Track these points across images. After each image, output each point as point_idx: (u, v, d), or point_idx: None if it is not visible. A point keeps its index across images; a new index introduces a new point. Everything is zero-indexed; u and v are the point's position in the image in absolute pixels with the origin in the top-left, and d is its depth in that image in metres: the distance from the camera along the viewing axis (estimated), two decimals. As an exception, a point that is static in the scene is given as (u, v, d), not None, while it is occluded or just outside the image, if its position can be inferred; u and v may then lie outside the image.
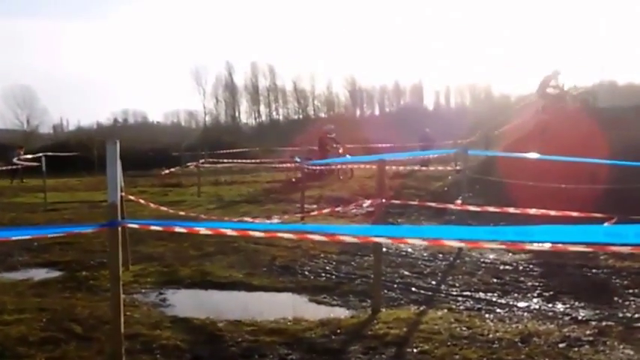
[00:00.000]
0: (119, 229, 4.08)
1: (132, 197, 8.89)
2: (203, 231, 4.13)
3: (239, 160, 23.71)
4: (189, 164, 21.83)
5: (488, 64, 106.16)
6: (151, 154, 37.28)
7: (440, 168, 15.49)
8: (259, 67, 75.59)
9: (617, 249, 3.79)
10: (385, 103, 75.69)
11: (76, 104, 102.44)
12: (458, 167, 12.27)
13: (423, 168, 17.00)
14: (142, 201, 9.11)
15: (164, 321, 5.49)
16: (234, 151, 27.40)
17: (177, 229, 4.46)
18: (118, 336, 4.07)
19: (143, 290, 6.77)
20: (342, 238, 3.66)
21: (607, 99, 24.61)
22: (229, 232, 4.19)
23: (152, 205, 8.86)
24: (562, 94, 15.89)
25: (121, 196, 7.65)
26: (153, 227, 4.83)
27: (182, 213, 9.13)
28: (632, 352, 4.49)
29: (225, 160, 23.02)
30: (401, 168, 14.98)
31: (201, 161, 20.34)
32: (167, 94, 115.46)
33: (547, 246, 3.31)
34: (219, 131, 61.76)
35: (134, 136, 53.01)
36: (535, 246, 3.51)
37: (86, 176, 28.30)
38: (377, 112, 74.18)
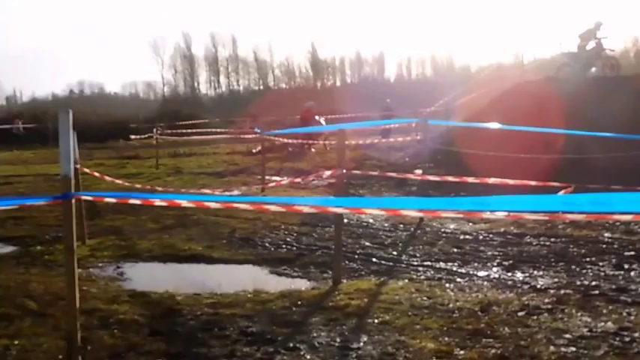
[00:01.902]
0: (73, 201, 3.85)
1: (87, 170, 8.54)
2: (158, 202, 3.93)
3: (198, 132, 23.21)
4: (150, 135, 21.19)
5: (449, 35, 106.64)
6: (107, 126, 36.11)
7: (400, 139, 15.49)
8: (219, 37, 73.99)
9: (574, 217, 3.79)
10: (346, 74, 75.39)
11: (30, 76, 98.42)
12: (418, 137, 12.27)
13: (383, 140, 16.98)
14: (96, 173, 8.76)
15: (122, 295, 5.32)
16: (193, 122, 26.80)
17: (133, 201, 4.24)
18: (73, 311, 3.88)
19: (100, 264, 6.56)
20: (300, 209, 3.53)
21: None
22: (185, 203, 4.01)
23: (107, 177, 8.53)
24: (598, 51, 14.95)
25: (76, 169, 7.38)
26: (110, 200, 4.59)
27: (138, 185, 8.83)
28: (589, 320, 4.56)
29: (186, 131, 22.51)
30: (361, 142, 14.91)
31: (159, 132, 19.80)
32: (124, 64, 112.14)
33: (502, 215, 3.26)
34: (178, 102, 60.39)
35: (90, 107, 51.31)
36: (493, 215, 3.47)
37: (41, 148, 27.26)
38: (338, 83, 73.80)
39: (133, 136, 22.99)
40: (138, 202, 4.17)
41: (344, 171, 5.57)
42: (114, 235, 7.94)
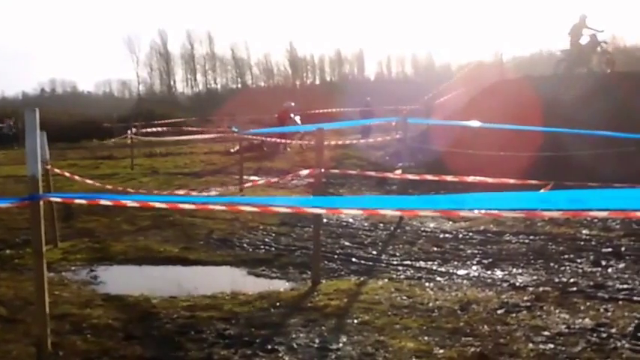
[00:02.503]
0: (41, 203, 3.79)
1: (57, 170, 8.40)
2: (130, 204, 3.89)
3: (173, 135, 23.00)
4: (125, 136, 20.91)
5: (429, 34, 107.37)
6: (80, 125, 35.58)
7: (379, 139, 15.58)
8: (195, 34, 73.44)
9: (552, 215, 3.86)
10: (326, 73, 75.40)
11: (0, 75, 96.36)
12: (398, 136, 12.35)
13: (362, 141, 17.03)
14: (66, 174, 8.63)
15: (95, 299, 5.25)
16: (170, 121, 26.56)
17: (103, 202, 4.19)
18: (43, 316, 3.83)
19: (73, 268, 6.47)
20: (276, 209, 3.53)
21: (546, 68, 25.41)
22: (157, 204, 3.98)
23: (77, 177, 8.40)
24: (593, 45, 14.88)
25: (47, 169, 7.26)
26: (81, 201, 4.52)
27: (109, 187, 8.71)
28: (567, 316, 4.64)
29: (162, 130, 22.29)
30: (340, 142, 14.96)
31: (134, 132, 19.58)
32: (98, 62, 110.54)
33: (479, 213, 3.31)
34: (153, 101, 59.83)
35: (63, 107, 50.50)
36: (472, 213, 3.51)
37: (11, 149, 26.75)
38: (317, 81, 73.80)
39: (112, 140, 22.67)
40: (109, 203, 4.13)
41: (322, 170, 5.58)
42: (87, 237, 7.83)
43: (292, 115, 20.24)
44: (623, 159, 8.50)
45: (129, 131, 19.25)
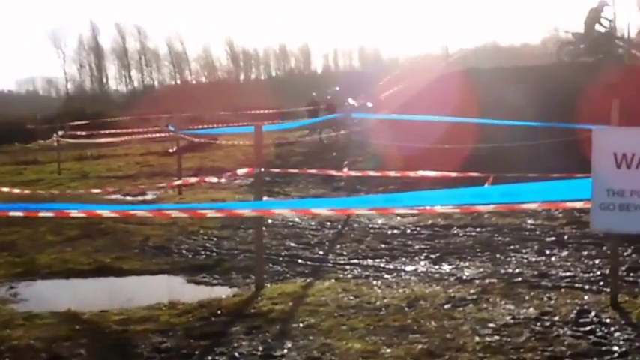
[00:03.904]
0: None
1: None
2: (43, 214, 3.77)
3: (107, 136, 22.40)
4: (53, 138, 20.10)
5: (375, 26, 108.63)
6: (0, 127, 34.06)
7: (324, 136, 15.68)
8: (126, 28, 71.58)
9: (486, 209, 4.02)
10: (271, 67, 75.14)
11: None
12: (342, 132, 12.48)
13: (307, 139, 17.16)
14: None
15: (15, 318, 5.05)
16: (102, 121, 25.86)
17: (43, 214, 4.03)
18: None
19: (-10, 285, 6.20)
20: (204, 213, 3.52)
21: (491, 60, 26.19)
22: (75, 213, 3.87)
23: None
24: (612, 33, 14.90)
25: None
26: (17, 213, 4.34)
27: (41, 192, 8.42)
28: (512, 307, 4.84)
29: (93, 132, 21.65)
30: (284, 141, 15.01)
31: (60, 134, 18.95)
32: (19, 59, 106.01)
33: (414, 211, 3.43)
34: (84, 99, 57.91)
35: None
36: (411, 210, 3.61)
37: None
38: (262, 76, 73.46)
39: (37, 143, 21.79)
40: (51, 214, 3.97)
41: (261, 170, 5.58)
42: (7, 251, 7.51)
43: (352, 101, 18.89)
44: (564, 149, 8.90)
45: (55, 134, 18.60)
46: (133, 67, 72.48)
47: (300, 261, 6.70)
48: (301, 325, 4.66)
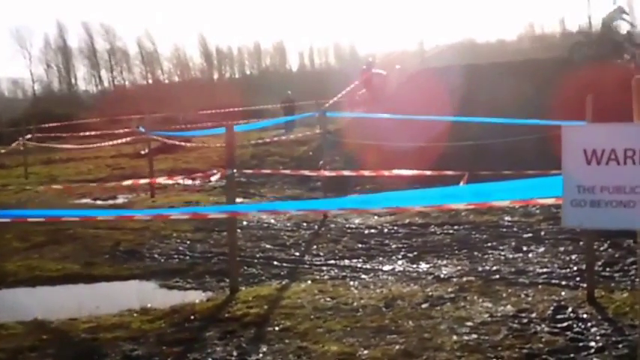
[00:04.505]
0: None
1: None
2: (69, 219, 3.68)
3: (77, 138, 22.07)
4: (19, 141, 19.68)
5: (351, 23, 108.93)
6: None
7: (299, 135, 15.64)
8: (93, 27, 70.59)
9: (458, 207, 4.04)
10: (246, 65, 74.80)
11: None
12: (317, 131, 12.46)
13: (283, 138, 17.09)
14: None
15: (-22, 330, 4.94)
16: (71, 123, 25.47)
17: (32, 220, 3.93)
18: None
19: (-49, 297, 6.05)
20: (168, 215, 3.48)
21: (467, 57, 26.45)
22: (32, 219, 3.79)
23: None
24: (630, 38, 14.76)
25: None
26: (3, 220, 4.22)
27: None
28: (490, 305, 4.88)
29: (61, 133, 21.32)
30: (260, 141, 14.93)
31: (28, 137, 18.60)
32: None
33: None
34: (52, 101, 56.98)
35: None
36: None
37: None
38: (237, 74, 73.11)
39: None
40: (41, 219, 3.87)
41: (234, 171, 5.54)
42: (-30, 260, 7.35)
43: (375, 70, 18.68)
44: (541, 145, 8.99)
45: (20, 137, 18.21)
46: (102, 67, 71.50)
47: (275, 263, 6.68)
48: (277, 328, 4.64)
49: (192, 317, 4.97)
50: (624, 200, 2.14)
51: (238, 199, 7.96)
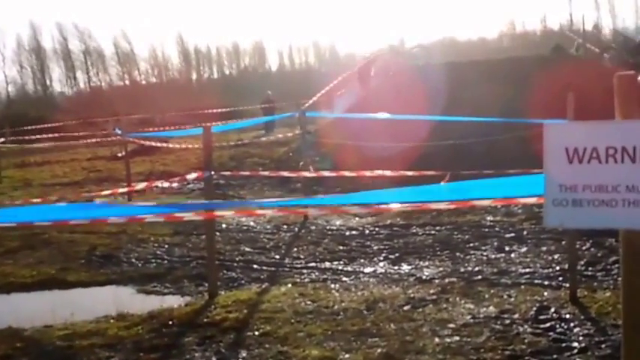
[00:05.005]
0: None
1: None
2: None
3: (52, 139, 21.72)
4: None
5: (331, 22, 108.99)
6: None
7: (280, 136, 15.58)
8: (68, 28, 69.73)
9: (439, 207, 4.03)
10: (224, 66, 74.48)
11: None
12: (297, 132, 12.42)
13: (263, 139, 16.99)
14: None
15: (-49, 338, 4.82)
16: (46, 126, 25.08)
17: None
18: None
19: None
20: (142, 218, 3.42)
21: (448, 55, 26.63)
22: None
23: None
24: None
25: None
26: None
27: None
28: (472, 306, 4.87)
29: (36, 135, 20.95)
30: (239, 142, 14.83)
31: (1, 140, 18.28)
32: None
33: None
34: (27, 103, 56.22)
35: None
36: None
37: None
38: (215, 75, 72.78)
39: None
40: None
41: (212, 173, 5.48)
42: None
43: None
44: (523, 144, 9.06)
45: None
46: (78, 68, 70.69)
47: (255, 266, 6.64)
48: (256, 333, 4.60)
49: (170, 323, 4.91)
50: (606, 199, 2.13)
51: (217, 202, 7.88)
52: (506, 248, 6.59)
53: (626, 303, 2.33)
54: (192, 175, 5.99)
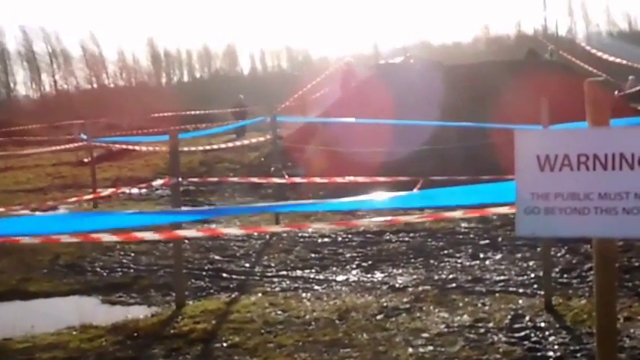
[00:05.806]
0: None
1: None
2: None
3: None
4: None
5: (303, 26, 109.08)
6: None
7: (253, 140, 15.49)
8: (32, 30, 68.57)
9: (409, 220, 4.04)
10: (195, 69, 73.98)
11: None
12: (268, 137, 12.37)
13: (237, 144, 16.79)
14: None
15: None
16: (9, 129, 24.59)
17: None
18: None
19: None
20: (99, 237, 3.33)
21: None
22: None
23: None
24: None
25: None
26: None
27: None
28: (446, 315, 4.87)
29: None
30: (208, 147, 14.70)
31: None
32: None
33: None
34: (-11, 107, 55.07)
35: None
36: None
37: None
38: (186, 78, 72.28)
39: None
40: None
41: (179, 179, 5.40)
42: None
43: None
44: (496, 150, 9.16)
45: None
46: (43, 70, 69.48)
47: (224, 275, 6.57)
48: (225, 344, 4.55)
49: (135, 334, 4.83)
50: (579, 207, 2.14)
51: (185, 209, 7.78)
52: (481, 255, 6.61)
53: (600, 311, 2.34)
54: (158, 182, 5.89)
